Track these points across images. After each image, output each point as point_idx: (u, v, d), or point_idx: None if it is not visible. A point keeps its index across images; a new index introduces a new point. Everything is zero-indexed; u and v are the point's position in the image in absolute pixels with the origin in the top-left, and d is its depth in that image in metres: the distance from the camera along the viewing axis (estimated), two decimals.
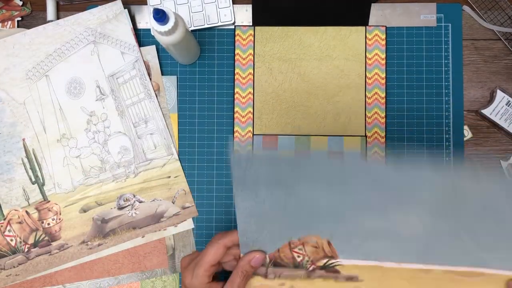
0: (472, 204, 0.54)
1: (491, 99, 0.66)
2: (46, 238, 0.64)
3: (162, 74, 0.67)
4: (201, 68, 0.68)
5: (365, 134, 0.66)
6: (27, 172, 0.65)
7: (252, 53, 0.67)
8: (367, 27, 0.67)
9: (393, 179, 0.53)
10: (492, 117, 0.66)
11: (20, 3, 0.69)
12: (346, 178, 0.54)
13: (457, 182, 0.53)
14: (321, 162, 0.55)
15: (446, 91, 0.66)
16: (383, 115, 0.66)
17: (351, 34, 0.67)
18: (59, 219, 0.65)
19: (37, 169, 0.65)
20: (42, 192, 0.65)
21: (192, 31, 0.67)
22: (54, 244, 0.64)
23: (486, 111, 0.66)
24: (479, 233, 0.54)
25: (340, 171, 0.54)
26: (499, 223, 0.53)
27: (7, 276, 0.64)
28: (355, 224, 0.53)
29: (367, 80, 0.66)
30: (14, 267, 0.64)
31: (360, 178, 0.54)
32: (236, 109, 0.67)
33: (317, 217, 0.53)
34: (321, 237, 0.53)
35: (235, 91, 0.67)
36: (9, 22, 0.69)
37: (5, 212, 0.65)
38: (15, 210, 0.65)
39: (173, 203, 0.65)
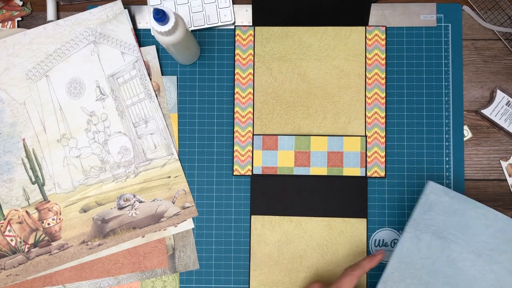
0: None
1: (491, 99, 0.66)
2: (46, 238, 0.65)
3: (162, 74, 0.67)
4: (201, 68, 0.68)
5: (365, 134, 0.66)
6: (27, 172, 0.65)
7: (252, 53, 0.67)
8: (367, 27, 0.67)
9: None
10: (492, 117, 0.66)
11: (20, 3, 0.69)
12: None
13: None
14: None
15: (446, 91, 0.66)
16: (383, 115, 0.66)
17: (351, 34, 0.67)
18: (59, 219, 0.65)
19: (37, 169, 0.65)
20: (42, 192, 0.65)
21: (192, 31, 0.67)
22: (54, 244, 0.64)
23: (486, 111, 0.66)
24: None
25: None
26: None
27: (7, 276, 0.64)
28: None
29: (367, 80, 0.66)
30: (14, 267, 0.64)
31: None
32: (236, 109, 0.67)
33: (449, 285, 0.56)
34: None
35: (235, 91, 0.67)
36: (9, 22, 0.69)
37: (5, 212, 0.65)
38: (15, 210, 0.65)
39: (173, 203, 0.65)
